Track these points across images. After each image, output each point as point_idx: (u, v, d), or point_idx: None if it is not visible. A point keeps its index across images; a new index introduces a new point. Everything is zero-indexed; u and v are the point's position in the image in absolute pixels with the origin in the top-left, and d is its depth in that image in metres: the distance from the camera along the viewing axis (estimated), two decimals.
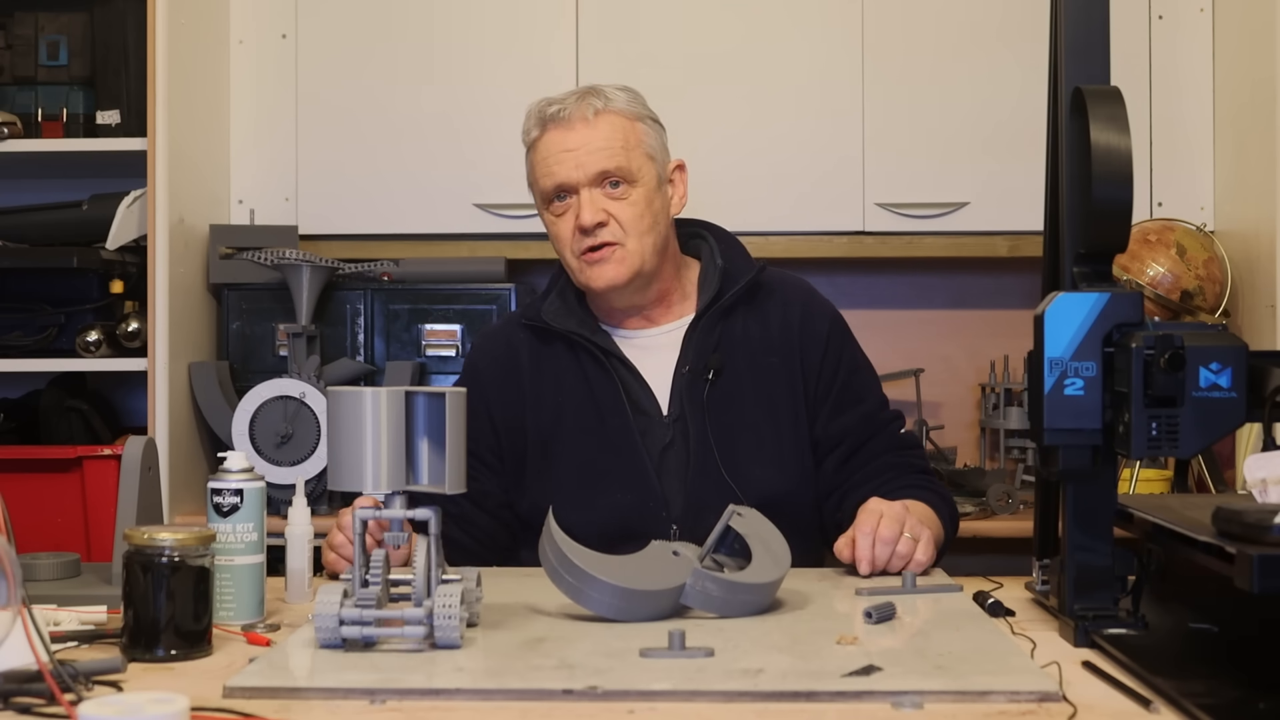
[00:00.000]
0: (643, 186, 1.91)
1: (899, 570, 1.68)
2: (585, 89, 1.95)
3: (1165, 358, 1.32)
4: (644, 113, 1.96)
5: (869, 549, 1.67)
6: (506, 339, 2.02)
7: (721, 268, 1.97)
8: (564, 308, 1.98)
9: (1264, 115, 2.81)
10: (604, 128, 1.90)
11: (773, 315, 1.97)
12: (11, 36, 3.02)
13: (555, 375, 1.95)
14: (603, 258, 1.89)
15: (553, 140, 1.92)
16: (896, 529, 1.68)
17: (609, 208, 1.89)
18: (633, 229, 1.89)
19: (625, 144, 1.90)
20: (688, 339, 1.94)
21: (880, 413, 1.99)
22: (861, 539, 1.68)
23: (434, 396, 1.37)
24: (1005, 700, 1.17)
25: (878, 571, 1.69)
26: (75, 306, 2.93)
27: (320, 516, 2.63)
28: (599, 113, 1.91)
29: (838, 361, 1.97)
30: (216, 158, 3.13)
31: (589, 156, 1.89)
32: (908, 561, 1.69)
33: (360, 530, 1.36)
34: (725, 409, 1.90)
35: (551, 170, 1.91)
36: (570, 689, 1.18)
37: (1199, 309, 2.86)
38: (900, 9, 3.08)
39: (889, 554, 1.68)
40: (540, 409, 1.95)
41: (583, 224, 1.88)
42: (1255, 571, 1.14)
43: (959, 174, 3.06)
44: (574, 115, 1.91)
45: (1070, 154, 1.44)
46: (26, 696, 1.16)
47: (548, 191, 1.93)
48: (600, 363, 1.93)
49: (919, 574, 1.68)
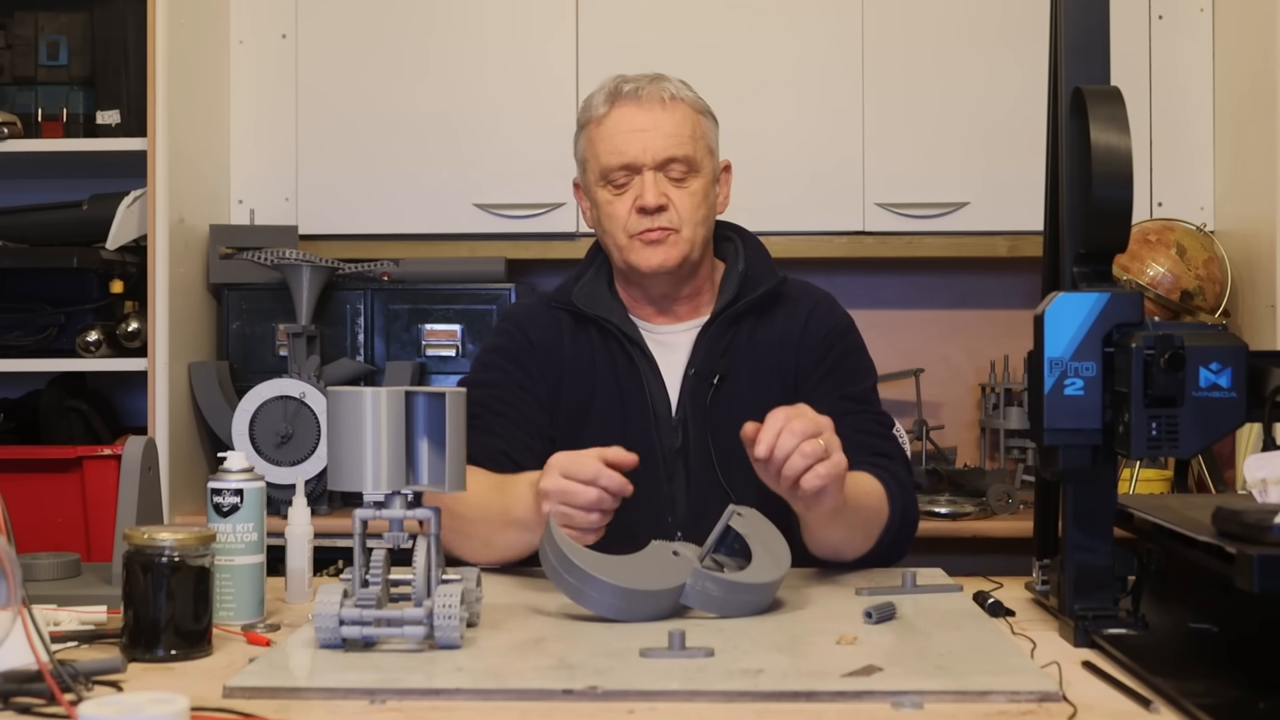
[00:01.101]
0: (703, 178, 1.90)
1: (797, 475, 1.52)
2: (656, 75, 1.92)
3: (1165, 358, 1.32)
4: (707, 108, 1.95)
5: (774, 433, 1.52)
6: (549, 314, 1.97)
7: (742, 273, 1.95)
8: (596, 292, 1.96)
9: (1264, 115, 2.81)
10: (677, 113, 1.88)
11: (780, 323, 1.95)
12: (11, 36, 3.03)
13: (590, 358, 1.93)
14: (658, 240, 1.87)
15: (624, 117, 1.88)
16: (810, 427, 1.53)
17: (670, 193, 1.87)
18: (689, 218, 1.88)
19: (693, 133, 1.89)
20: (699, 341, 1.93)
21: (857, 403, 1.88)
22: (771, 421, 1.54)
23: (434, 396, 1.37)
24: (1005, 700, 1.17)
25: (775, 467, 1.52)
26: (75, 306, 2.94)
27: (320, 516, 2.64)
28: (674, 98, 1.89)
29: (825, 356, 1.92)
30: (216, 158, 3.13)
31: (659, 140, 1.86)
32: (809, 465, 1.52)
33: (360, 530, 1.36)
34: (726, 415, 1.88)
35: (619, 148, 1.87)
36: (570, 689, 1.18)
37: (1199, 309, 2.86)
38: (900, 9, 3.08)
39: (793, 445, 1.52)
40: (576, 390, 1.92)
41: (646, 205, 1.85)
42: (1255, 571, 1.14)
43: (959, 174, 3.06)
44: (649, 95, 1.88)
45: (1070, 154, 1.44)
46: (26, 696, 1.16)
47: (610, 169, 1.88)
48: (627, 353, 1.91)
49: (813, 493, 1.53)
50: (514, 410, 1.89)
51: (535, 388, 1.92)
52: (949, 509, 2.82)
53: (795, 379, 1.92)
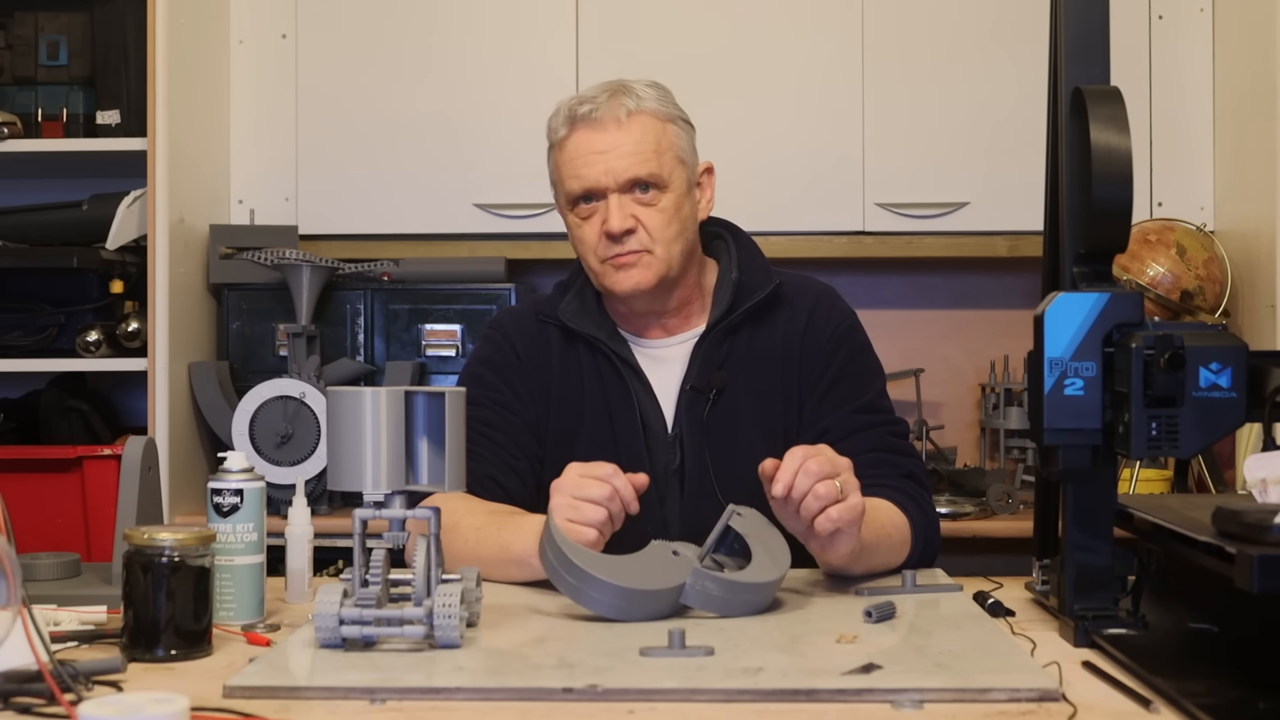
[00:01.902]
0: (673, 192, 1.82)
1: (812, 517, 1.51)
2: (616, 86, 1.84)
3: (1165, 358, 1.32)
4: (675, 113, 1.86)
5: (792, 473, 1.51)
6: (539, 328, 1.92)
7: (735, 280, 1.89)
8: (582, 308, 1.90)
9: (1264, 115, 2.81)
10: (636, 130, 1.80)
11: (779, 327, 1.88)
12: (11, 36, 3.03)
13: (579, 376, 1.88)
14: (629, 264, 1.81)
15: (582, 141, 1.81)
16: (827, 468, 1.52)
17: (638, 214, 1.80)
18: (661, 236, 1.81)
19: (657, 148, 1.81)
20: (694, 354, 1.87)
21: (871, 414, 1.86)
22: (789, 459, 1.53)
23: (434, 396, 1.37)
24: (1005, 699, 1.17)
25: (793, 507, 1.52)
26: (75, 306, 2.94)
27: (320, 516, 2.64)
28: (631, 114, 1.80)
29: (830, 362, 1.87)
30: (216, 158, 3.13)
31: (620, 161, 1.79)
32: (824, 506, 1.50)
33: (360, 530, 1.36)
34: (724, 430, 1.83)
35: (579, 173, 1.81)
36: (570, 688, 1.18)
37: (1199, 309, 2.86)
38: (900, 9, 3.09)
39: (809, 486, 1.50)
40: (565, 410, 1.87)
41: (611, 231, 1.79)
42: (1255, 571, 1.14)
43: (958, 174, 3.06)
44: (605, 115, 1.81)
45: (1070, 154, 1.44)
46: (26, 696, 1.16)
47: (574, 194, 1.83)
48: (616, 371, 1.86)
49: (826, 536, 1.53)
50: (500, 433, 1.85)
51: (522, 409, 1.88)
52: (949, 509, 2.82)
53: (799, 388, 1.87)
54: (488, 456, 1.82)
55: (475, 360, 1.95)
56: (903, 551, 1.73)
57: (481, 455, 1.81)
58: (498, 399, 1.87)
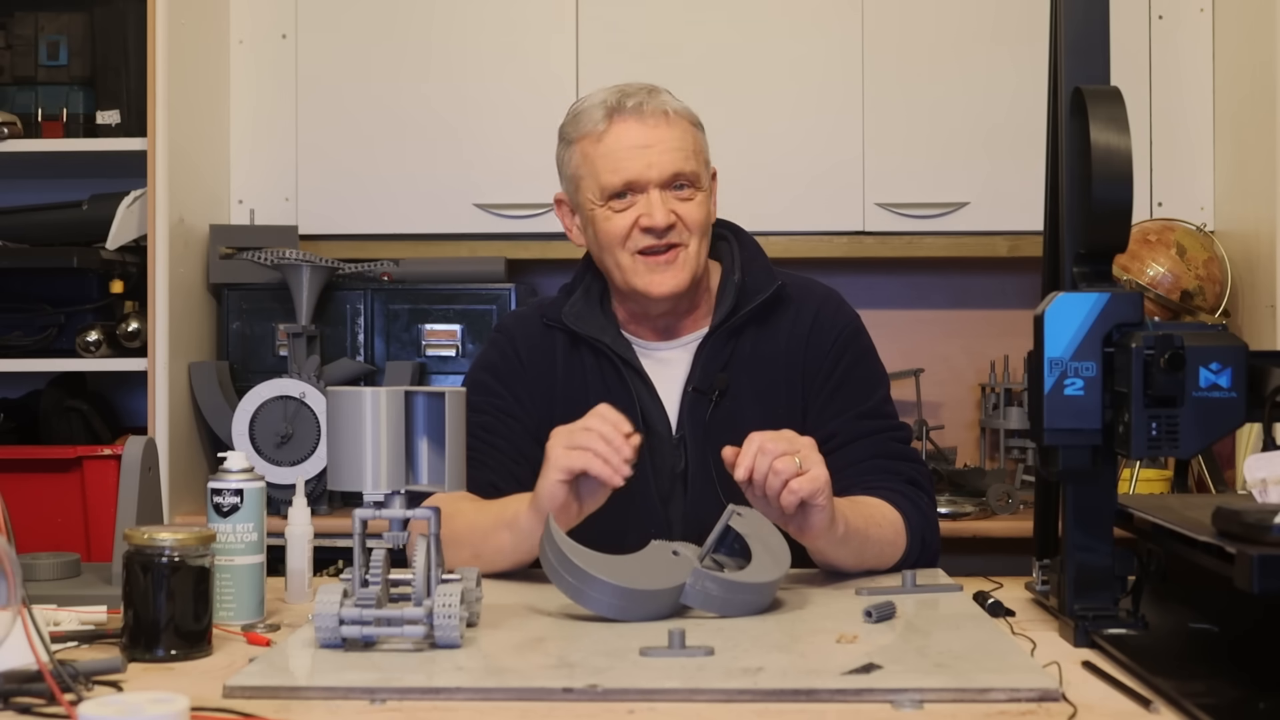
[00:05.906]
0: (704, 191, 1.85)
1: (776, 494, 1.54)
2: (651, 87, 1.85)
3: (1165, 358, 1.32)
4: (698, 119, 1.89)
5: (751, 455, 1.55)
6: (544, 332, 1.92)
7: (739, 282, 1.89)
8: (586, 311, 1.90)
9: (1264, 115, 2.81)
10: (678, 129, 1.82)
11: (783, 330, 1.89)
12: (11, 36, 3.03)
13: (583, 381, 1.88)
14: (667, 260, 1.82)
15: (625, 133, 1.81)
16: (784, 445, 1.55)
17: (677, 209, 1.82)
18: (697, 231, 1.83)
19: (694, 148, 1.84)
20: (698, 356, 1.87)
21: (874, 420, 1.86)
22: (748, 443, 1.56)
23: (434, 396, 1.37)
24: (1005, 699, 1.17)
25: (758, 489, 1.55)
26: (75, 306, 2.94)
27: (320, 516, 2.64)
28: (675, 113, 1.83)
29: (835, 367, 1.87)
30: (216, 158, 3.13)
31: (664, 156, 1.80)
32: (785, 481, 1.53)
33: (360, 530, 1.36)
34: (727, 432, 1.79)
35: (620, 166, 1.80)
36: (570, 688, 1.18)
37: (1199, 309, 2.86)
38: (900, 9, 3.09)
39: (767, 465, 1.54)
40: (569, 415, 1.81)
41: (655, 225, 1.80)
42: (1255, 571, 1.14)
43: (958, 174, 3.06)
44: (651, 110, 1.81)
45: (1070, 154, 1.44)
46: (26, 696, 1.16)
47: (611, 188, 1.81)
48: (620, 374, 1.86)
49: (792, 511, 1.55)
50: (502, 439, 1.85)
51: (525, 415, 1.87)
52: (949, 509, 2.82)
53: (803, 390, 1.87)
54: (490, 463, 1.83)
55: (479, 366, 1.95)
56: (897, 544, 1.73)
57: (484, 462, 1.81)
58: (500, 405, 1.88)
